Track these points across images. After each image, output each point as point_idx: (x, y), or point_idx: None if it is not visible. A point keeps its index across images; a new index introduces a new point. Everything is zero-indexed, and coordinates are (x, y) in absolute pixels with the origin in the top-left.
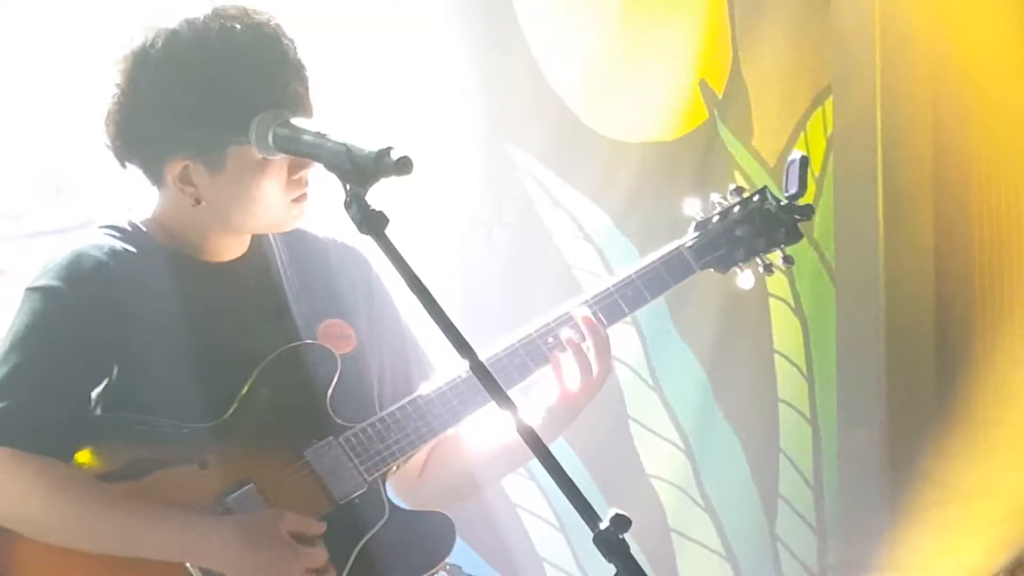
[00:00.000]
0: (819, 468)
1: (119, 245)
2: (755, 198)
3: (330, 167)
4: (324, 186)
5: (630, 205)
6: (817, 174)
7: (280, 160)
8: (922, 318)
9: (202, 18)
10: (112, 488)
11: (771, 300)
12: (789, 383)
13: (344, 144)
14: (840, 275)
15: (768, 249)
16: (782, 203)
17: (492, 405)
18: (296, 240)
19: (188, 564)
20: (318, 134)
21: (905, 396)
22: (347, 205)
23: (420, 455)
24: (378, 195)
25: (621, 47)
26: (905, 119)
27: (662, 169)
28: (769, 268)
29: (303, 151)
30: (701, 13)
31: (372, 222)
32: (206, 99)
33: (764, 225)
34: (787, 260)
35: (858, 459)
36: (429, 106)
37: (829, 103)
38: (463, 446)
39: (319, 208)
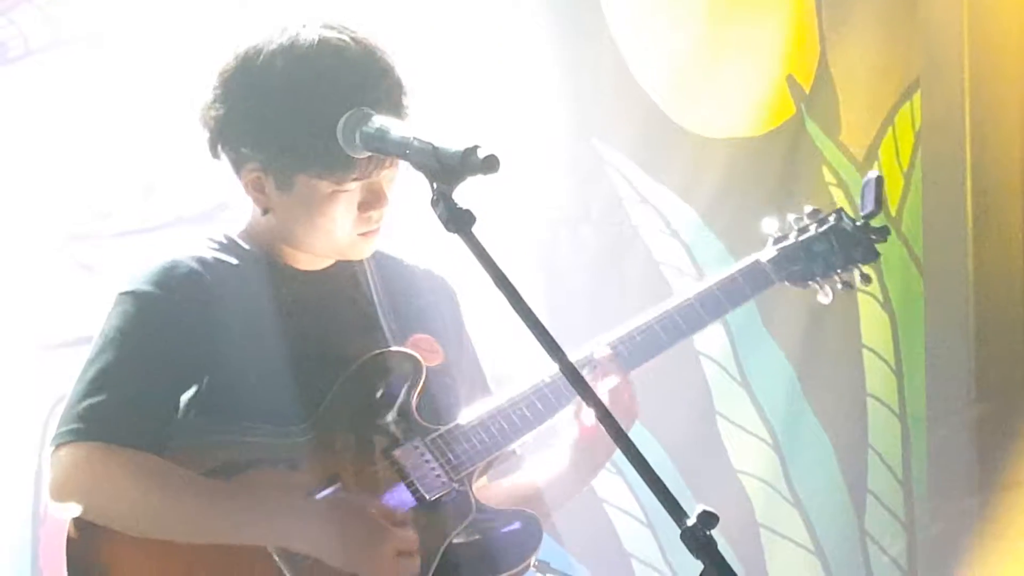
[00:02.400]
0: (908, 463)
1: (212, 255)
2: (831, 218)
3: (417, 166)
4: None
5: (717, 201)
6: (905, 169)
7: (352, 194)
8: (1012, 312)
9: (306, 44)
10: (205, 479)
11: (859, 295)
12: (878, 378)
13: (431, 143)
14: (929, 269)
15: (845, 267)
16: (858, 223)
17: (570, 408)
18: (385, 262)
19: (275, 555)
20: (404, 133)
21: (995, 390)
22: (434, 203)
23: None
24: (464, 193)
25: (708, 42)
26: (994, 112)
27: (749, 165)
28: (847, 285)
29: (390, 150)
30: (788, 8)
31: (459, 220)
32: (282, 127)
33: (840, 244)
34: (864, 278)
35: (948, 454)
36: (516, 102)
37: (917, 97)
38: (510, 488)
39: (405, 235)
